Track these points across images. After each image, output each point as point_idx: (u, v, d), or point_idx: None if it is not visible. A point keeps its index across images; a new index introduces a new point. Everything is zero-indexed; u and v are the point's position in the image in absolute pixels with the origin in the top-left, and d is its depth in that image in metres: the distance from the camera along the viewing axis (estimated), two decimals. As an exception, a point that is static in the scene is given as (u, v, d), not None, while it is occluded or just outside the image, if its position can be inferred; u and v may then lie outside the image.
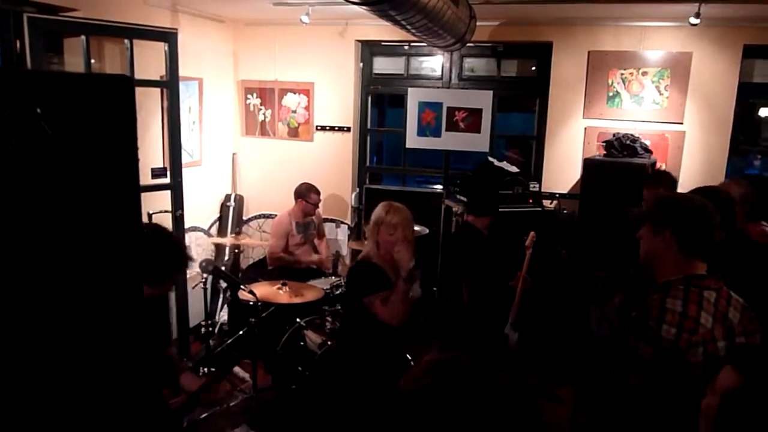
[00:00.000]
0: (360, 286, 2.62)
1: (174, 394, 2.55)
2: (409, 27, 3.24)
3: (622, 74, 4.60)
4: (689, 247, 1.74)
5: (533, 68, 5.12)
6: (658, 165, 4.41)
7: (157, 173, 4.11)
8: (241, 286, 3.62)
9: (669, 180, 3.58)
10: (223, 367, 2.79)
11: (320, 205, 4.90)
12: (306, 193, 4.72)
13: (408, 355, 3.01)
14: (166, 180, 4.15)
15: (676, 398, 1.65)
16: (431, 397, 0.92)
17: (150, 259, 2.07)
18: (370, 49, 5.40)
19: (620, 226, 2.03)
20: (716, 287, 1.74)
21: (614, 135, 4.42)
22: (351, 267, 3.03)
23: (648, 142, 4.46)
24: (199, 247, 4.98)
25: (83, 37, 3.57)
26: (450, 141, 5.03)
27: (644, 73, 4.55)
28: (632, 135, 4.40)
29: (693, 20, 3.80)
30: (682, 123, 4.51)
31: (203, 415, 3.64)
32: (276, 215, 5.04)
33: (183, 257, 2.31)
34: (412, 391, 0.94)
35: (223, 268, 4.51)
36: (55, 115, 0.99)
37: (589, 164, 4.34)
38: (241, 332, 3.97)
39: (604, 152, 4.40)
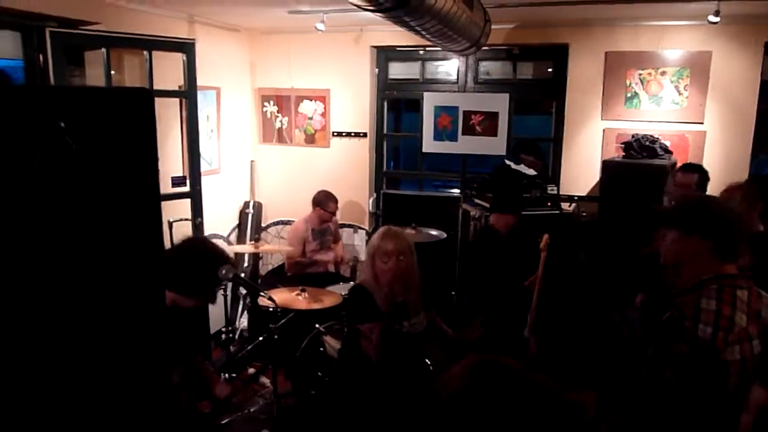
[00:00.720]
0: (349, 313, 2.59)
1: (209, 401, 2.57)
2: (423, 32, 3.25)
3: (640, 74, 4.55)
4: (723, 254, 1.75)
5: (549, 70, 5.08)
6: (678, 166, 4.35)
7: (176, 182, 4.17)
8: (261, 293, 3.65)
9: (704, 171, 3.60)
10: (250, 375, 2.81)
11: (337, 212, 4.92)
12: (324, 202, 4.74)
13: (427, 360, 3.01)
14: (186, 188, 4.20)
15: (713, 396, 1.65)
16: (467, 398, 0.92)
17: (184, 271, 2.10)
18: (385, 55, 5.41)
19: (642, 223, 2.01)
20: (747, 286, 1.74)
21: (633, 136, 4.37)
22: (349, 289, 2.93)
23: (668, 143, 4.40)
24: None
25: (103, 50, 3.64)
26: (467, 145, 5.01)
27: (663, 73, 4.49)
28: (651, 136, 4.35)
29: (712, 18, 3.74)
30: (702, 123, 4.44)
31: (224, 421, 3.66)
32: (294, 221, 5.07)
33: (229, 270, 2.33)
34: (449, 393, 0.95)
35: (242, 275, 4.54)
36: (77, 128, 1.01)
37: (608, 166, 4.30)
38: (261, 338, 3.99)
39: (623, 154, 4.35)
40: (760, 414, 1.45)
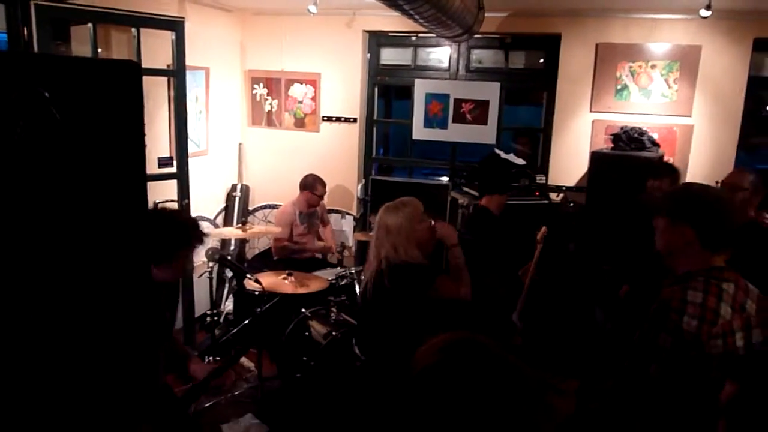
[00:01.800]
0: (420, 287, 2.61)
1: (182, 381, 2.56)
2: (417, 17, 3.22)
3: (630, 67, 4.56)
4: (711, 243, 1.75)
5: (541, 60, 5.08)
6: (666, 158, 4.38)
7: (163, 162, 4.12)
8: (247, 275, 3.63)
9: (674, 172, 3.59)
10: (231, 357, 2.80)
11: (325, 196, 4.90)
12: (313, 185, 4.72)
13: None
14: (173, 169, 4.16)
15: (693, 389, 1.66)
16: (438, 373, 0.93)
17: (153, 238, 2.06)
18: (377, 40, 5.37)
19: (629, 216, 2.01)
20: (734, 278, 1.75)
21: (622, 128, 4.39)
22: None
23: (656, 136, 4.43)
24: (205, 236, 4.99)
25: (90, 25, 3.57)
26: (457, 133, 5.01)
27: (653, 66, 4.51)
28: (640, 128, 4.37)
29: (703, 12, 3.75)
30: (690, 116, 4.47)
31: (208, 404, 3.66)
32: (282, 205, 5.05)
33: (190, 231, 2.31)
34: (421, 368, 0.95)
35: (229, 258, 4.52)
36: (62, 99, 0.99)
37: (596, 157, 4.32)
38: (246, 322, 3.98)
39: (612, 145, 4.38)
40: (731, 408, 1.46)
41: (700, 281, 1.71)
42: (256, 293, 3.63)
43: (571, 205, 4.68)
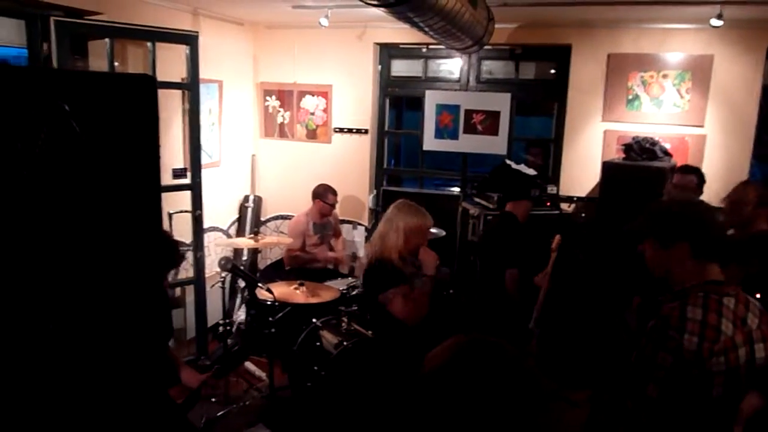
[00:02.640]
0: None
1: (171, 386, 2.60)
2: (427, 29, 3.26)
3: (642, 77, 4.56)
4: (705, 254, 1.72)
5: (552, 71, 5.09)
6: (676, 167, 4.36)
7: (177, 173, 4.17)
8: (259, 284, 3.66)
9: (700, 173, 3.63)
10: (227, 363, 2.83)
11: (337, 206, 4.93)
12: (323, 194, 4.75)
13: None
14: (187, 180, 4.20)
15: (697, 408, 1.63)
16: (448, 374, 0.93)
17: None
18: (388, 52, 5.42)
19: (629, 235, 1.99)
20: (734, 293, 1.71)
21: (634, 138, 4.38)
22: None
23: (668, 146, 4.41)
24: (218, 247, 5.04)
25: (107, 40, 3.65)
26: (467, 143, 5.02)
27: (665, 76, 4.50)
28: (652, 138, 4.36)
29: (715, 22, 3.75)
30: (702, 126, 4.45)
31: (220, 413, 3.68)
32: (294, 216, 5.08)
33: (176, 252, 2.41)
34: (432, 368, 0.96)
35: (241, 268, 4.55)
36: (81, 112, 1.02)
37: (607, 167, 4.30)
38: (258, 332, 4.00)
39: (624, 155, 4.36)
40: (752, 422, 1.43)
41: (699, 297, 1.67)
42: (268, 303, 3.65)
43: (583, 215, 4.66)
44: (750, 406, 1.46)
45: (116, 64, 3.87)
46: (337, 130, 5.42)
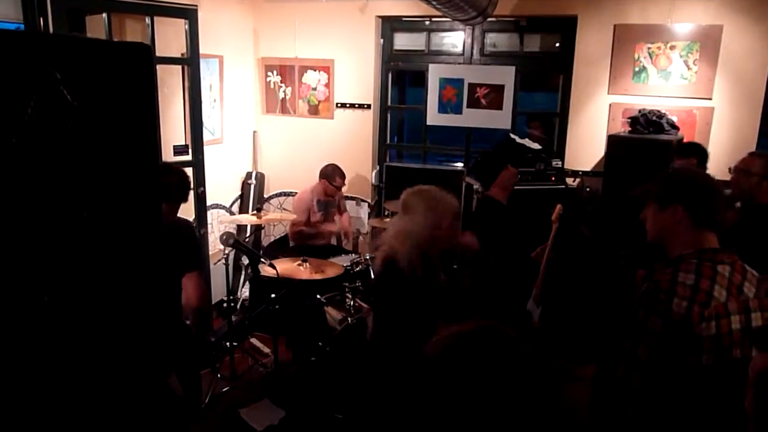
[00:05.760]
0: None
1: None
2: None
3: (649, 48, 4.47)
4: (700, 218, 1.73)
5: (557, 44, 5.00)
6: (685, 142, 4.31)
7: (179, 150, 4.15)
8: (262, 259, 3.66)
9: (701, 151, 3.54)
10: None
11: (344, 188, 4.91)
12: (332, 176, 4.72)
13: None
14: (188, 157, 4.18)
15: (686, 374, 1.63)
16: (452, 359, 0.93)
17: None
18: (390, 25, 5.33)
19: (634, 204, 2.00)
20: (730, 261, 1.70)
21: (640, 111, 4.31)
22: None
23: (675, 119, 4.35)
24: (221, 224, 5.03)
25: (105, 15, 3.60)
26: (471, 118, 4.97)
27: (672, 47, 4.41)
28: (658, 111, 4.29)
29: (725, -9, 3.66)
30: (711, 99, 4.38)
31: (225, 389, 3.71)
32: (297, 193, 5.06)
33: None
34: (436, 353, 0.95)
35: (244, 241, 4.55)
36: (73, 80, 0.99)
37: (613, 141, 4.25)
38: (262, 308, 4.01)
39: (629, 129, 4.30)
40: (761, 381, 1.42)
41: (692, 263, 1.69)
42: (272, 279, 3.65)
43: (588, 189, 4.63)
44: (758, 365, 1.45)
45: (114, 39, 3.82)
46: (340, 105, 5.36)
